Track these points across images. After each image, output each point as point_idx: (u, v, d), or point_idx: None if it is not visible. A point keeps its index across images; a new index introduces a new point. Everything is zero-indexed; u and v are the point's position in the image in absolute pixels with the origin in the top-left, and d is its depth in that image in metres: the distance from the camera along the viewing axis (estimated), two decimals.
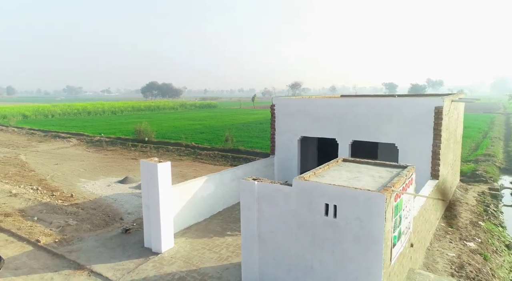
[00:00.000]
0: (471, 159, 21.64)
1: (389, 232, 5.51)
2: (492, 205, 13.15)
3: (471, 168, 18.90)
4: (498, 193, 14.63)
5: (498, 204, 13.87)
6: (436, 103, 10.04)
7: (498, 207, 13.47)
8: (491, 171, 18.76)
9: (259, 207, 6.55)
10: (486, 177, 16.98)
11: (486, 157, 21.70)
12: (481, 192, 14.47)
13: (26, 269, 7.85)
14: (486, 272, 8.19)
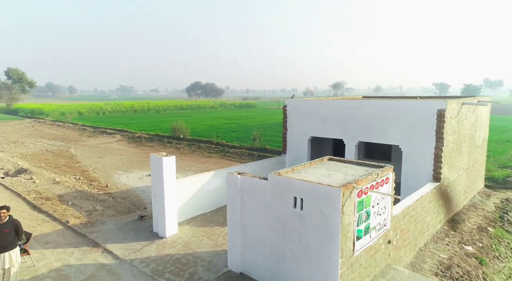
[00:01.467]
0: (509, 165, 20.49)
1: (349, 225, 5.95)
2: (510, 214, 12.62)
3: (505, 174, 17.96)
4: None
5: None
6: (439, 106, 10.03)
7: None
8: None
9: (241, 199, 7.26)
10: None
11: None
12: (505, 199, 13.86)
13: (54, 244, 9.24)
14: (476, 275, 8.17)
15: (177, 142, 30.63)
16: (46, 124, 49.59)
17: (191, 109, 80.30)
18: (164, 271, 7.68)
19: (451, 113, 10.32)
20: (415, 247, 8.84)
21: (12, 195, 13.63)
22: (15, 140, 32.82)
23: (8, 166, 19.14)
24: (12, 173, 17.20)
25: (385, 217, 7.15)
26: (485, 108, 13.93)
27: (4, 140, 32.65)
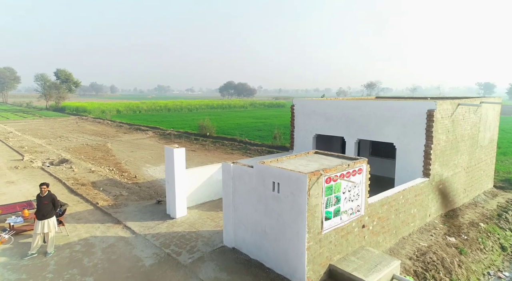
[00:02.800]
0: None
1: (317, 206, 7.00)
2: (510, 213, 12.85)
3: None
4: None
5: None
6: (429, 106, 10.68)
7: None
8: None
9: (233, 184, 8.50)
10: None
11: None
12: (511, 200, 14.03)
13: (84, 220, 10.98)
14: (451, 261, 8.85)
15: (203, 139, 32.40)
16: (88, 121, 53.65)
17: (221, 108, 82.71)
18: (170, 244, 9.10)
19: (442, 113, 10.91)
20: (397, 235, 9.62)
21: (55, 180, 15.79)
22: (61, 135, 36.16)
23: (53, 157, 21.68)
24: (56, 162, 19.59)
25: (358, 204, 8.08)
26: (491, 109, 14.15)
27: (52, 134, 36.07)
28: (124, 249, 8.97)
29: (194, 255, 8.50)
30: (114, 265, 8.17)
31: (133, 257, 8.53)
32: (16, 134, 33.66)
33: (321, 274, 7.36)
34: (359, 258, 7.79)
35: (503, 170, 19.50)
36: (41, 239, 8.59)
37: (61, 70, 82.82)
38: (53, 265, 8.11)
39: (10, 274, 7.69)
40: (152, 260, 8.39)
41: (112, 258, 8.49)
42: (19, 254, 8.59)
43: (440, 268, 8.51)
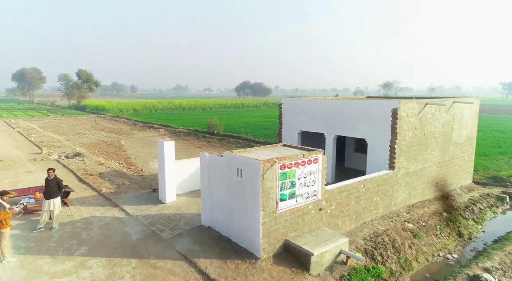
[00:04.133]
0: None
1: (271, 188, 8.24)
2: (483, 204, 13.64)
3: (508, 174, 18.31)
4: (505, 196, 14.66)
5: (498, 206, 14.12)
6: (393, 105, 11.69)
7: (493, 208, 13.82)
8: None
9: (208, 171, 9.84)
10: None
11: None
12: (486, 194, 14.77)
13: (88, 203, 12.59)
14: (402, 243, 9.89)
15: (210, 136, 33.91)
16: (106, 119, 56.30)
17: (235, 107, 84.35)
18: (156, 223, 10.53)
19: (407, 112, 11.89)
20: (357, 220, 10.71)
21: (67, 171, 17.59)
22: (79, 131, 38.52)
23: (69, 151, 23.67)
24: (70, 156, 21.50)
25: (315, 189, 9.27)
26: (467, 109, 14.92)
27: (71, 131, 38.48)
28: (117, 226, 10.47)
29: (175, 232, 9.90)
30: (106, 238, 9.66)
31: (123, 233, 10.00)
32: (38, 131, 36.20)
33: (276, 247, 8.60)
34: (313, 236, 8.98)
35: (494, 168, 19.99)
36: (48, 216, 10.17)
37: (83, 70, 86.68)
38: (56, 237, 9.68)
39: (21, 243, 9.31)
40: (139, 235, 9.84)
41: (106, 233, 10.00)
42: (30, 228, 10.23)
43: (390, 248, 9.57)
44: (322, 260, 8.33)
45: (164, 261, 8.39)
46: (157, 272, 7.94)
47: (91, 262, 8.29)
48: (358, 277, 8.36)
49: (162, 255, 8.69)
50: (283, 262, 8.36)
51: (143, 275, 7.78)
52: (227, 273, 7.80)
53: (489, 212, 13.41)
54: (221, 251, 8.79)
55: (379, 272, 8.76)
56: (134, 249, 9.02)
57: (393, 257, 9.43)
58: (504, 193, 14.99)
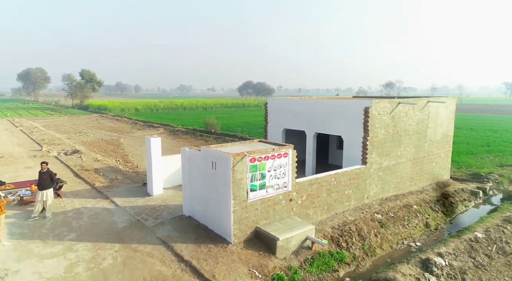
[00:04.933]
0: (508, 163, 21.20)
1: (242, 179, 9.03)
2: (455, 198, 14.32)
3: (488, 171, 18.93)
4: (478, 191, 15.32)
5: (471, 200, 14.81)
6: (366, 104, 12.43)
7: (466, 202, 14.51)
8: None
9: (188, 165, 10.65)
10: (492, 179, 17.28)
11: None
12: (460, 189, 15.43)
13: (81, 196, 13.45)
14: (368, 231, 10.63)
15: (208, 135, 34.74)
16: (107, 118, 57.37)
17: (236, 107, 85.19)
18: (141, 213, 11.37)
19: (379, 110, 12.62)
20: (329, 210, 11.47)
21: (65, 166, 18.50)
22: (81, 130, 39.51)
23: (68, 148, 24.61)
24: (69, 153, 22.43)
25: (285, 181, 10.04)
26: (443, 108, 15.59)
27: (73, 130, 39.48)
28: (106, 216, 11.32)
29: (157, 220, 10.73)
30: (94, 226, 10.51)
31: (111, 222, 10.85)
32: (40, 129, 37.26)
33: (247, 233, 9.39)
34: (282, 223, 9.75)
35: (477, 165, 20.61)
36: (41, 206, 11.03)
37: (86, 70, 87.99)
38: (48, 225, 10.55)
39: (16, 229, 10.17)
40: (124, 224, 10.68)
41: (94, 222, 10.85)
42: (25, 217, 11.10)
43: (355, 236, 10.32)
44: (288, 245, 9.11)
45: (144, 246, 9.21)
46: (137, 254, 8.76)
47: (78, 246, 9.14)
48: (321, 260, 9.12)
49: (144, 241, 9.51)
50: (252, 247, 9.15)
51: (123, 257, 8.60)
52: (199, 255, 8.61)
53: (461, 206, 14.09)
54: (197, 237, 9.59)
55: (342, 256, 9.52)
56: (118, 236, 9.85)
57: (358, 244, 10.18)
58: (478, 188, 15.65)
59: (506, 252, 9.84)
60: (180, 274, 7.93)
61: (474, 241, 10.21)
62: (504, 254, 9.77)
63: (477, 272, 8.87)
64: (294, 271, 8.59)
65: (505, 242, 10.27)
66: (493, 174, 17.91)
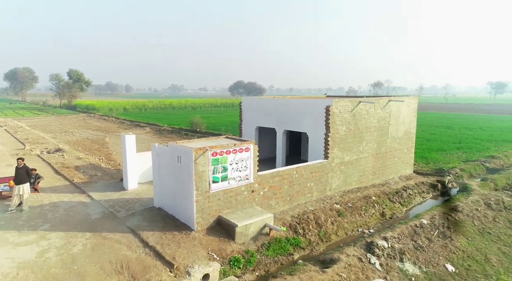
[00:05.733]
0: (473, 159, 22.36)
1: (204, 172, 9.81)
2: (414, 190, 15.31)
3: (452, 166, 19.99)
4: (437, 184, 16.36)
5: (429, 192, 15.84)
6: (327, 103, 13.32)
7: (423, 194, 15.53)
8: (474, 170, 19.76)
9: (158, 159, 11.40)
10: (453, 173, 18.36)
11: (489, 158, 22.16)
12: (421, 182, 16.45)
13: (59, 191, 14.09)
14: (325, 219, 11.52)
15: (192, 134, 35.42)
16: (95, 118, 57.57)
17: (225, 106, 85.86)
18: (115, 206, 12.08)
19: (340, 109, 13.52)
20: (291, 201, 12.32)
21: (46, 164, 19.06)
22: (67, 130, 39.81)
23: (51, 147, 25.09)
24: (52, 151, 22.94)
25: (247, 173, 10.86)
26: (405, 106, 16.57)
27: (59, 130, 39.76)
28: (81, 209, 12.00)
29: (129, 212, 11.46)
30: (69, 218, 11.19)
31: (85, 214, 11.54)
32: (25, 129, 37.50)
33: (210, 221, 10.19)
34: (244, 212, 10.58)
35: (444, 161, 21.74)
36: (18, 199, 11.66)
37: (73, 70, 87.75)
38: (25, 217, 11.19)
39: None
40: (98, 215, 11.38)
41: (69, 214, 11.53)
42: (2, 210, 11.71)
43: (312, 223, 11.20)
44: (247, 231, 9.93)
45: (114, 234, 9.94)
46: (106, 241, 9.49)
47: (51, 235, 9.83)
48: (277, 245, 9.97)
49: (114, 230, 10.24)
50: (214, 233, 9.95)
51: (93, 244, 9.32)
52: (163, 241, 9.38)
53: (418, 197, 15.09)
54: (164, 225, 10.36)
55: (298, 242, 10.38)
56: (91, 226, 10.56)
57: (314, 231, 11.06)
58: (438, 181, 16.69)
59: (446, 235, 10.82)
60: (144, 257, 8.69)
61: (419, 226, 11.17)
62: (444, 237, 10.75)
63: (415, 253, 9.81)
64: (251, 254, 9.42)
65: (447, 227, 11.27)
66: (455, 169, 18.99)
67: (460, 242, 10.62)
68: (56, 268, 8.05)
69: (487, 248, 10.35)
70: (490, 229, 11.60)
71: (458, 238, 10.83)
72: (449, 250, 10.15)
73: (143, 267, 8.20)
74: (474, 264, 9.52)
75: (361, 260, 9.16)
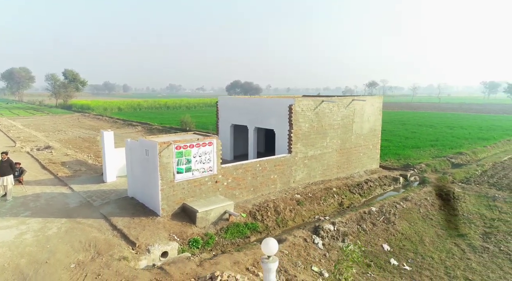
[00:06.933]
0: (442, 155, 23.52)
1: (168, 163, 10.92)
2: (375, 183, 16.46)
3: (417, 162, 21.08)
4: (399, 177, 17.51)
5: (390, 184, 16.98)
6: (289, 102, 14.45)
7: (384, 186, 16.67)
8: (439, 165, 20.91)
9: (131, 153, 12.50)
10: (418, 168, 19.51)
11: (456, 155, 23.32)
12: (384, 176, 17.59)
13: (43, 184, 15.16)
14: (283, 207, 12.64)
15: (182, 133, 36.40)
16: (89, 117, 58.59)
17: None
18: (92, 196, 13.17)
19: (302, 107, 14.64)
20: (255, 192, 13.43)
21: (34, 160, 20.13)
22: (60, 129, 40.85)
23: (41, 144, 26.15)
24: (41, 148, 24.00)
25: (210, 165, 11.97)
26: (369, 105, 17.70)
27: (52, 129, 40.78)
28: (61, 199, 13.09)
29: (104, 201, 12.55)
30: (49, 207, 12.27)
31: (64, 203, 12.62)
32: (18, 128, 38.52)
33: (175, 208, 11.29)
34: (207, 200, 11.69)
35: (414, 157, 22.86)
36: (3, 190, 12.73)
37: (69, 70, 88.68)
38: (8, 206, 12.27)
39: None
40: (75, 204, 12.47)
41: (50, 203, 12.61)
42: None
43: (271, 211, 12.32)
44: (207, 216, 11.05)
45: (87, 219, 11.04)
46: (79, 225, 10.58)
47: (30, 220, 10.91)
48: (235, 229, 11.08)
49: (88, 216, 11.32)
50: (178, 218, 11.06)
51: (67, 228, 10.41)
52: (130, 225, 10.48)
53: (379, 189, 16.23)
54: (134, 212, 11.46)
55: (255, 226, 11.50)
56: (67, 213, 11.64)
57: (272, 217, 12.18)
58: (401, 175, 17.84)
59: (390, 221, 11.96)
60: (111, 238, 9.78)
61: (367, 213, 12.30)
62: (388, 222, 11.89)
63: (358, 235, 10.95)
64: (210, 236, 10.53)
65: (393, 214, 12.40)
66: (421, 164, 20.14)
67: (401, 226, 11.76)
68: (31, 247, 9.14)
69: (425, 231, 11.50)
70: (433, 216, 12.76)
71: (401, 223, 11.98)
72: (389, 233, 11.29)
73: (108, 245, 9.30)
74: (408, 244, 10.67)
75: (306, 240, 10.28)
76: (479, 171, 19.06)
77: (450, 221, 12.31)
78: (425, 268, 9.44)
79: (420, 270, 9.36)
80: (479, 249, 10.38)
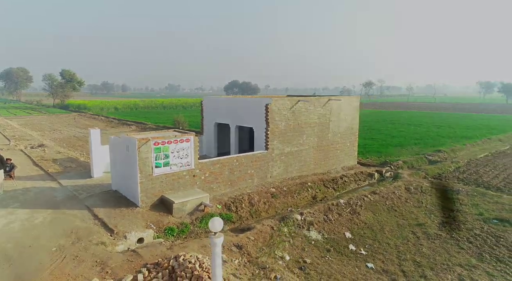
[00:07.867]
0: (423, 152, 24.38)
1: (147, 158, 11.75)
2: (350, 178, 17.32)
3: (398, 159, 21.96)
4: (374, 173, 18.38)
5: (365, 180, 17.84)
6: (266, 101, 15.30)
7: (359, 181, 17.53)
8: (416, 162, 21.76)
9: (113, 148, 13.34)
10: (394, 165, 20.37)
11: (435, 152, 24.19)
12: (360, 172, 18.45)
13: (34, 179, 15.98)
14: (258, 200, 13.49)
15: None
16: (85, 117, 59.37)
17: None
18: (79, 190, 14.01)
19: (279, 106, 15.49)
20: (232, 185, 14.27)
21: (27, 157, 20.94)
22: (56, 128, 41.62)
23: (35, 143, 26.96)
24: (35, 146, 24.81)
25: (188, 160, 12.81)
26: (346, 104, 18.56)
27: (48, 128, 41.55)
28: (49, 192, 13.91)
29: (89, 194, 13.39)
30: (37, 199, 13.09)
31: (52, 196, 13.45)
32: (14, 127, 39.31)
33: (154, 200, 12.14)
34: (184, 193, 12.53)
35: (395, 155, 23.69)
36: None
37: (66, 70, 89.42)
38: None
39: None
40: (62, 197, 13.30)
41: (38, 196, 13.43)
42: None
43: (245, 203, 13.18)
44: (184, 207, 11.89)
45: (71, 210, 11.87)
46: (64, 216, 11.41)
47: (19, 211, 11.74)
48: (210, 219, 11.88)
49: (73, 208, 12.15)
50: (156, 209, 11.90)
51: (52, 217, 11.25)
52: (111, 215, 11.32)
53: (353, 184, 17.09)
54: (115, 204, 12.30)
55: (229, 217, 12.35)
56: (54, 204, 12.48)
57: (246, 209, 13.03)
58: (377, 171, 18.71)
59: (356, 212, 12.81)
60: (92, 226, 10.62)
61: (335, 205, 13.16)
62: (354, 213, 12.75)
63: (323, 224, 11.81)
64: (185, 225, 11.38)
65: (359, 206, 13.26)
66: (398, 161, 21.00)
67: (366, 216, 12.62)
68: (18, 233, 9.98)
69: (387, 221, 12.37)
70: (397, 207, 13.63)
71: (366, 214, 12.84)
72: (353, 222, 12.15)
73: (89, 232, 10.14)
74: (368, 232, 11.53)
75: (272, 228, 11.13)
76: (452, 168, 19.93)
77: (412, 212, 13.18)
78: (379, 253, 10.30)
79: (375, 254, 10.21)
80: (433, 236, 11.24)
